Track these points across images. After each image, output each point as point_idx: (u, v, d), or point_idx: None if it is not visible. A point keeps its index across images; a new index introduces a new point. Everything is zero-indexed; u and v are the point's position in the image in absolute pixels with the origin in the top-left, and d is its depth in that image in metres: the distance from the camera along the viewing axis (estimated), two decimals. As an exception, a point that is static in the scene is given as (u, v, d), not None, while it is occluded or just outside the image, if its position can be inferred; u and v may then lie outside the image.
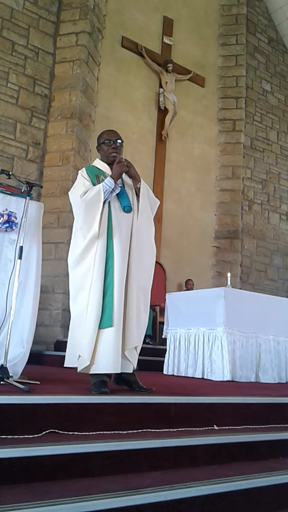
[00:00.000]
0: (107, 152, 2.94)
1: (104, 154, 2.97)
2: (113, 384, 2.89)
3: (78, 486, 1.69)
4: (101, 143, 2.98)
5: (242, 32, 8.98)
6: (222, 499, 1.82)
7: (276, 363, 4.77)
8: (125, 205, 2.82)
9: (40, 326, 5.37)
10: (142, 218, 2.87)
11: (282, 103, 9.70)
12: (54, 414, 2.06)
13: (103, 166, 2.96)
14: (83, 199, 2.73)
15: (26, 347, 3.03)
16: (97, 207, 2.71)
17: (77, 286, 2.72)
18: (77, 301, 2.71)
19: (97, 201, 2.72)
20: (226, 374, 4.27)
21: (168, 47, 8.32)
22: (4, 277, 2.99)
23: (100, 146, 3.00)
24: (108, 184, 2.75)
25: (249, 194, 8.83)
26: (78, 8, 7.05)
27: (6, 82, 6.46)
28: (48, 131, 6.77)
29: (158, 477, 1.87)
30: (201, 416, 2.47)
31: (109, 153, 2.93)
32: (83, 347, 2.59)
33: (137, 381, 2.82)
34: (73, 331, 2.74)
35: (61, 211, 6.38)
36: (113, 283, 2.66)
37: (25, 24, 6.76)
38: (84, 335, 2.61)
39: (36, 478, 1.71)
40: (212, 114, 8.73)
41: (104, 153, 2.96)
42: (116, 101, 7.56)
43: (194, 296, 5.05)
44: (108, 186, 2.75)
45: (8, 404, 1.99)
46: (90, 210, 2.71)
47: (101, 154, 3.01)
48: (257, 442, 2.37)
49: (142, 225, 2.87)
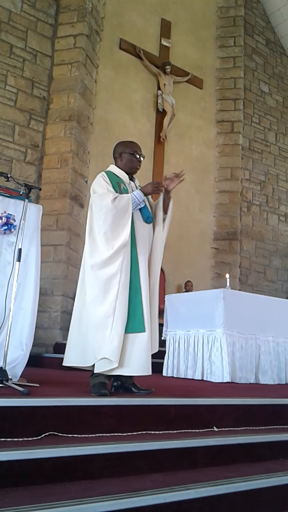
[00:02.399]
0: (133, 163, 3.01)
1: (128, 164, 3.02)
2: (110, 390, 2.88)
3: (77, 489, 1.68)
4: (127, 152, 3.02)
5: (240, 34, 9.01)
6: (222, 501, 1.81)
7: (275, 364, 4.77)
8: (148, 216, 2.91)
9: (39, 328, 5.36)
10: (165, 230, 3.04)
11: (280, 104, 9.72)
12: (53, 417, 2.06)
13: (121, 174, 3.00)
14: (115, 204, 2.75)
15: (25, 350, 3.02)
16: (127, 216, 2.76)
17: (101, 290, 2.71)
18: (102, 304, 2.69)
19: (126, 210, 2.77)
20: (226, 375, 4.27)
21: (166, 49, 8.34)
22: (3, 279, 2.99)
23: (123, 154, 3.03)
24: (138, 198, 2.82)
25: (247, 195, 8.84)
26: (76, 11, 7.07)
27: (5, 85, 6.47)
28: (47, 134, 6.77)
29: (158, 479, 1.86)
30: (201, 418, 2.47)
31: (135, 165, 3.02)
32: (111, 350, 2.60)
33: (134, 384, 2.83)
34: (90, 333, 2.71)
35: (60, 213, 6.39)
36: (140, 289, 2.74)
37: (23, 26, 6.77)
38: (111, 338, 2.62)
39: (35, 481, 1.71)
40: (210, 115, 8.75)
41: (128, 162, 3.01)
42: (114, 103, 7.57)
43: (193, 298, 5.05)
44: (138, 199, 2.82)
45: (8, 406, 1.99)
46: (121, 218, 2.75)
47: (122, 162, 3.04)
48: (257, 443, 2.37)
49: (164, 236, 3.04)
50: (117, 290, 2.68)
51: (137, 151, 3.03)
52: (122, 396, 2.57)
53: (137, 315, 2.69)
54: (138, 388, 2.80)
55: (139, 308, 2.71)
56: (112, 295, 2.68)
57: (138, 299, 2.73)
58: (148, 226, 2.95)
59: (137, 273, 2.77)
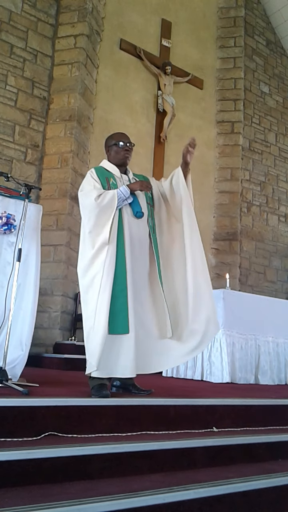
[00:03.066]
0: (121, 154, 2.95)
1: (116, 156, 2.97)
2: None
3: (77, 489, 1.68)
4: (112, 144, 2.98)
5: (240, 34, 9.00)
6: (221, 501, 1.81)
7: (275, 364, 4.77)
8: (137, 210, 2.81)
9: (39, 328, 5.36)
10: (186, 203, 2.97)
11: (280, 105, 9.72)
12: (53, 417, 2.06)
13: (111, 168, 2.96)
14: (98, 202, 2.69)
15: (25, 350, 3.03)
16: (110, 213, 2.69)
17: (87, 291, 2.68)
18: (88, 306, 2.67)
19: (110, 207, 2.70)
20: (226, 376, 4.27)
21: (166, 49, 8.33)
22: (3, 279, 2.99)
23: (110, 148, 3.00)
24: (123, 193, 2.74)
25: (247, 196, 8.84)
26: (77, 11, 7.07)
27: (5, 85, 6.47)
28: (47, 134, 6.77)
29: (157, 480, 1.86)
30: (201, 418, 2.47)
31: (123, 155, 2.95)
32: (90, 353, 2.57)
33: (134, 384, 2.80)
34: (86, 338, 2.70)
35: (60, 213, 6.38)
36: (126, 289, 2.64)
37: (24, 26, 6.77)
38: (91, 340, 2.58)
39: (35, 481, 1.71)
40: (210, 116, 8.74)
41: (116, 154, 2.96)
42: (114, 104, 7.57)
43: (193, 298, 5.03)
44: (123, 194, 2.74)
45: (7, 406, 1.99)
46: (103, 215, 2.69)
47: (111, 156, 3.00)
48: (257, 444, 2.37)
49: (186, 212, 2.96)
50: (98, 291, 2.60)
51: (121, 140, 2.95)
52: (122, 397, 2.57)
53: (121, 316, 2.59)
54: (137, 389, 2.78)
55: (123, 309, 2.60)
56: (94, 296, 2.61)
57: (123, 299, 2.62)
58: (141, 221, 2.83)
59: (124, 272, 2.66)
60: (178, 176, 3.01)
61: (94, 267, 2.66)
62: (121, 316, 2.59)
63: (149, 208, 2.93)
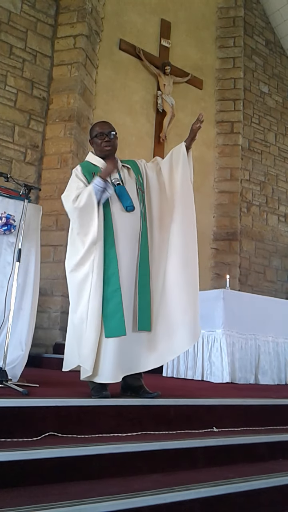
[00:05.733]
0: (101, 145, 2.81)
1: (98, 148, 2.84)
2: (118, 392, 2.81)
3: (77, 489, 1.68)
4: (93, 136, 2.85)
5: (239, 34, 9.00)
6: (222, 501, 1.81)
7: (275, 364, 4.77)
8: (127, 205, 2.64)
9: (39, 328, 5.36)
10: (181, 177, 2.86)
11: (280, 105, 9.72)
12: (53, 417, 2.06)
13: (97, 161, 2.83)
14: (75, 206, 2.58)
15: (25, 350, 3.03)
16: (91, 211, 2.55)
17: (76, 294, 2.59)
18: (77, 310, 2.57)
19: (90, 205, 2.55)
20: (226, 376, 4.27)
21: (166, 49, 8.33)
22: (3, 279, 2.99)
23: (92, 140, 2.87)
24: (98, 184, 2.57)
25: (247, 196, 8.84)
26: (76, 11, 7.06)
27: (4, 85, 6.47)
28: (47, 134, 6.77)
29: (158, 480, 1.86)
30: (201, 418, 2.47)
31: (102, 147, 2.80)
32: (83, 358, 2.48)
33: (142, 386, 2.68)
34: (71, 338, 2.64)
35: (60, 214, 6.38)
36: (120, 289, 2.52)
37: (23, 27, 6.77)
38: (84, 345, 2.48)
39: (35, 481, 1.71)
40: (210, 116, 8.73)
41: (98, 146, 2.83)
42: (114, 104, 7.57)
43: (193, 298, 5.04)
44: (98, 186, 2.57)
45: (7, 407, 1.99)
46: (85, 216, 2.57)
47: (94, 148, 2.88)
48: (257, 444, 2.37)
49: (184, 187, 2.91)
50: (89, 293, 2.50)
51: (103, 131, 2.81)
52: (122, 397, 2.56)
53: (117, 318, 2.48)
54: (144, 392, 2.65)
55: (118, 310, 2.49)
56: (85, 299, 2.52)
57: (117, 299, 2.50)
58: (133, 215, 2.66)
59: (116, 271, 2.53)
60: (179, 150, 2.89)
61: (82, 269, 2.57)
62: (117, 318, 2.48)
63: (140, 194, 2.77)
